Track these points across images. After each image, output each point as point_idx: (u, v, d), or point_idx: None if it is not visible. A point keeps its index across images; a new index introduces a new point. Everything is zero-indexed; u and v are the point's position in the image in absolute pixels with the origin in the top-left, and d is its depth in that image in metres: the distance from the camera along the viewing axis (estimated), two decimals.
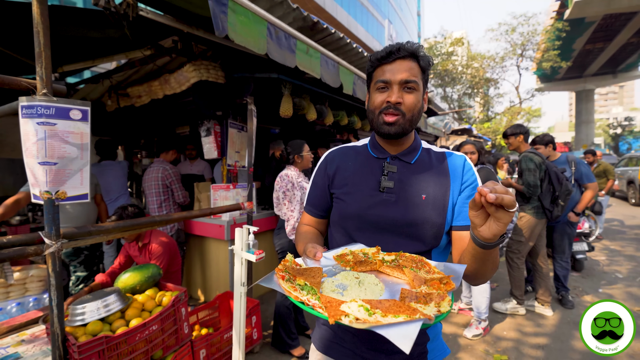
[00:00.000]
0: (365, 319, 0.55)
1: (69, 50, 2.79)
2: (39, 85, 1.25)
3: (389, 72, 0.88)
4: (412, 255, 0.80)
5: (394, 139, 0.92)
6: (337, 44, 2.87)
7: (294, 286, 0.67)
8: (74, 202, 1.39)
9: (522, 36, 18.68)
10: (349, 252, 0.83)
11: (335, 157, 1.03)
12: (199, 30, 2.23)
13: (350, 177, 0.96)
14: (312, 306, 0.61)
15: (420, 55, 0.89)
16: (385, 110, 0.88)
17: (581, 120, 32.76)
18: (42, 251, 1.32)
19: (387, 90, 0.88)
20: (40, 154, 1.26)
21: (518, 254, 3.19)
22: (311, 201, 1.05)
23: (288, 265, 0.75)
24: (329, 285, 0.71)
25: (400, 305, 0.59)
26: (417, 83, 0.87)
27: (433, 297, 0.62)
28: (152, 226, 1.97)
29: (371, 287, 0.70)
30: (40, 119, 1.24)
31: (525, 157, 3.13)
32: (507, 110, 20.48)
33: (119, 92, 3.52)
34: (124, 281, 1.99)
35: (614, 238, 6.25)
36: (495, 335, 2.87)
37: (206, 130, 3.50)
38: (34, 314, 1.97)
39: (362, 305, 0.58)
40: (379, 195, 0.90)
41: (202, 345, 2.11)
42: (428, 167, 0.94)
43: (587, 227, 4.30)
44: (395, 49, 0.88)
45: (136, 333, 1.65)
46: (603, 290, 3.78)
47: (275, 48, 2.00)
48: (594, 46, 25.79)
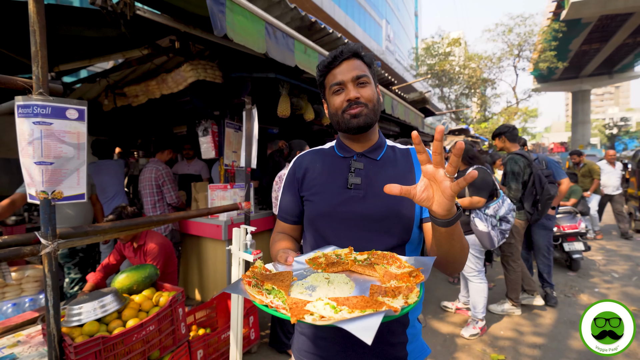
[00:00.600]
0: (330, 316, 0.54)
1: (65, 50, 2.78)
2: (35, 85, 1.25)
3: (339, 74, 0.92)
4: (384, 253, 0.80)
5: (363, 132, 0.95)
6: (335, 44, 2.87)
7: (260, 291, 0.66)
8: (71, 202, 1.38)
9: (519, 37, 18.77)
10: (322, 255, 0.83)
11: (303, 161, 1.05)
12: (196, 30, 2.22)
13: (318, 178, 0.98)
14: (275, 308, 0.60)
15: (362, 54, 0.95)
16: (347, 108, 0.92)
17: (577, 120, 33.02)
18: (38, 251, 1.31)
19: (343, 91, 0.92)
20: (36, 153, 1.25)
21: (512, 257, 3.21)
22: (283, 208, 1.06)
23: (257, 271, 0.75)
24: (298, 288, 0.70)
25: (368, 300, 0.59)
26: (367, 77, 0.93)
27: (402, 290, 0.63)
28: (149, 226, 1.96)
29: (341, 286, 0.70)
30: (36, 118, 1.24)
31: (510, 160, 3.18)
32: (504, 110, 20.57)
33: (115, 91, 3.50)
34: (120, 281, 1.98)
35: (610, 238, 6.30)
36: (493, 335, 2.89)
37: (203, 130, 3.49)
38: (29, 314, 1.95)
39: (329, 303, 0.58)
40: (347, 192, 0.92)
41: (200, 346, 2.10)
42: (394, 163, 0.97)
43: (583, 226, 4.33)
44: (339, 52, 0.92)
45: (133, 333, 1.64)
46: (599, 290, 3.81)
47: (274, 47, 2.00)
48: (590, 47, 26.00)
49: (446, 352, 2.65)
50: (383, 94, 3.92)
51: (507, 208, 2.79)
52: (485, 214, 2.76)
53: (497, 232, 2.74)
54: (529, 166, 3.12)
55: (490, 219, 2.75)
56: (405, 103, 5.01)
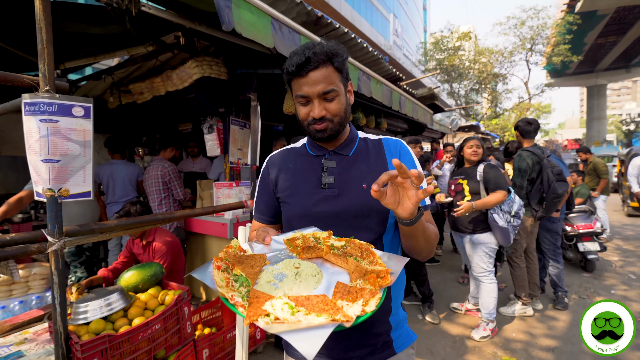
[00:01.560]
0: (285, 318, 0.55)
1: (70, 47, 2.81)
2: (42, 82, 1.26)
3: (305, 85, 0.86)
4: (361, 243, 0.81)
5: (330, 141, 0.96)
6: (342, 39, 2.86)
7: (228, 277, 0.67)
8: (77, 200, 1.40)
9: (532, 30, 18.48)
10: (300, 236, 0.84)
11: (276, 161, 1.05)
12: (201, 26, 2.23)
13: (292, 178, 0.99)
14: (235, 304, 0.60)
15: (334, 55, 0.86)
16: (312, 123, 0.90)
17: (593, 116, 32.38)
18: (45, 249, 1.33)
19: (309, 104, 0.89)
20: (43, 151, 1.27)
21: (515, 253, 3.21)
22: (259, 208, 1.07)
23: (230, 252, 0.75)
24: (267, 276, 0.71)
25: (327, 302, 0.61)
26: (336, 90, 0.87)
27: (364, 294, 0.64)
28: (155, 224, 1.98)
29: (307, 280, 0.71)
30: (42, 116, 1.25)
31: (519, 156, 3.18)
32: (515, 106, 20.31)
33: (120, 88, 3.53)
34: (126, 280, 2.01)
35: (626, 238, 6.18)
36: (504, 337, 2.86)
37: (208, 127, 3.51)
38: (36, 312, 1.99)
39: (287, 303, 0.59)
40: (322, 192, 0.93)
41: (205, 345, 2.12)
42: (366, 156, 0.97)
43: (598, 226, 4.26)
44: (305, 60, 0.83)
45: (139, 332, 1.66)
46: (616, 291, 3.74)
47: (280, 43, 2.00)
48: (606, 40, 25.44)
49: (456, 354, 2.63)
50: (391, 90, 3.89)
51: (518, 204, 2.81)
52: (502, 210, 2.76)
53: (511, 228, 2.75)
54: (538, 163, 3.09)
55: (505, 215, 2.74)
56: (413, 99, 4.97)
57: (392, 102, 3.91)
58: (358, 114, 4.37)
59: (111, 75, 3.47)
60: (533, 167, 3.08)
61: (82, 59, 3.08)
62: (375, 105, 4.57)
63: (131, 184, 3.48)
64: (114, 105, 3.66)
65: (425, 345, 2.74)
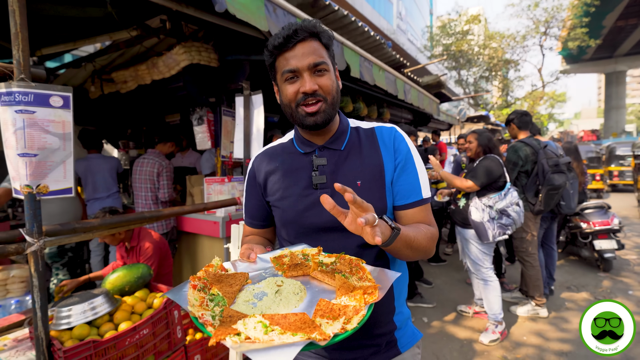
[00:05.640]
0: (256, 337, 0.56)
1: (47, 32, 2.78)
2: (16, 70, 1.25)
3: (293, 59, 0.85)
4: (351, 258, 0.82)
5: (322, 129, 0.93)
6: (341, 22, 2.84)
7: (203, 297, 0.68)
8: (57, 198, 1.40)
9: (546, 12, 18.36)
10: (288, 254, 0.85)
11: (262, 162, 1.03)
12: (189, 8, 2.21)
13: (281, 180, 0.97)
14: (204, 323, 0.62)
15: (321, 31, 0.88)
16: (303, 102, 0.88)
17: (611, 105, 32.37)
18: (23, 250, 1.33)
19: (298, 80, 0.87)
20: (19, 144, 1.26)
21: (525, 251, 3.24)
22: (249, 213, 1.07)
23: (210, 271, 0.76)
24: (246, 295, 0.73)
25: (306, 320, 0.61)
26: (326, 63, 0.87)
27: (347, 311, 0.65)
28: (142, 223, 1.98)
29: (288, 298, 0.72)
30: (18, 106, 1.24)
31: (511, 148, 3.25)
32: (528, 95, 20.27)
33: (102, 77, 3.51)
34: (112, 282, 2.01)
35: None
36: (514, 341, 2.89)
37: (198, 118, 3.49)
38: (16, 317, 1.99)
39: (261, 322, 0.59)
40: (314, 194, 0.92)
41: (197, 351, 2.13)
42: (359, 149, 0.96)
43: (616, 222, 4.28)
44: (293, 31, 0.84)
45: (126, 337, 1.67)
46: (634, 292, 3.78)
47: (275, 26, 1.99)
48: (626, 22, 25.32)
49: (463, 359, 2.66)
50: (395, 77, 3.88)
51: (507, 202, 2.79)
52: (482, 204, 2.80)
53: (495, 225, 2.76)
54: (534, 154, 3.13)
55: (487, 209, 2.77)
56: (418, 87, 4.95)
57: (397, 90, 3.90)
58: (359, 103, 4.35)
59: (92, 62, 3.44)
60: (526, 158, 3.14)
61: (60, 44, 3.04)
62: (377, 94, 4.56)
63: (112, 177, 3.48)
64: (95, 95, 3.64)
65: (431, 350, 2.77)
